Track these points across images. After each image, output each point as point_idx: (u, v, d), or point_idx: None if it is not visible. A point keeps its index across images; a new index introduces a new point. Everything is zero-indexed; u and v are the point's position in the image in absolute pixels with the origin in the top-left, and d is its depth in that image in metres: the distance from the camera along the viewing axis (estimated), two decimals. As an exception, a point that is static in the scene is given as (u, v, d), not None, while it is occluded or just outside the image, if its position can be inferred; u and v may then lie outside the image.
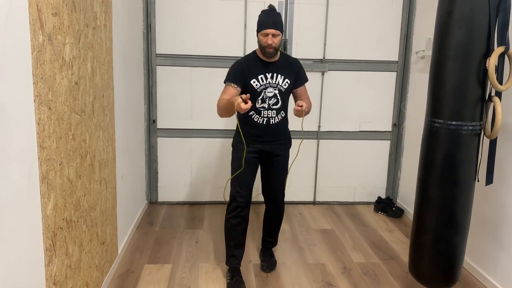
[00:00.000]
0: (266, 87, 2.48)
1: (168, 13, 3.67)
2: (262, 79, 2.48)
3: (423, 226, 2.27)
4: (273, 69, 2.49)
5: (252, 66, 2.49)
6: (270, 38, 2.37)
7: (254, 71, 2.47)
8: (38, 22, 1.58)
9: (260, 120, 2.52)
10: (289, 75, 2.54)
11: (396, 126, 4.04)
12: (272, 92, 2.49)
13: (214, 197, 4.02)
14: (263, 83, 2.48)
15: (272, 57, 2.46)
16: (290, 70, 2.55)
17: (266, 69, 2.48)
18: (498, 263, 2.60)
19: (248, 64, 2.50)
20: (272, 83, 2.49)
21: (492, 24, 2.02)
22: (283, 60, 2.54)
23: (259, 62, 2.49)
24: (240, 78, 2.46)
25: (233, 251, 2.65)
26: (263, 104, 2.50)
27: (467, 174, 2.15)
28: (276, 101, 2.51)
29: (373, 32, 3.84)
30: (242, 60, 2.55)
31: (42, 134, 1.64)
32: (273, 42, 2.37)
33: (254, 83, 2.47)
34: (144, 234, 3.32)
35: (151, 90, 3.77)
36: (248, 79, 2.47)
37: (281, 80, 2.50)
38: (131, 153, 3.20)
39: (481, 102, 2.11)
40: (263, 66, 2.48)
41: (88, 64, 2.15)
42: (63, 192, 1.85)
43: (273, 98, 2.50)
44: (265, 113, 2.51)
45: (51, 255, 1.76)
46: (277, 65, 2.50)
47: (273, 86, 2.49)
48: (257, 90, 2.47)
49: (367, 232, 3.49)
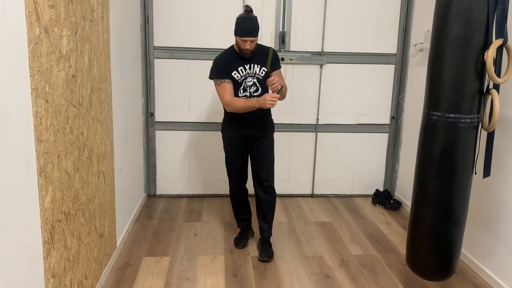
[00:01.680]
0: (246, 77, 2.74)
1: (165, 6, 3.65)
2: (241, 71, 2.73)
3: (420, 218, 2.28)
4: (250, 61, 2.74)
5: (232, 60, 2.74)
6: (248, 43, 2.62)
7: (234, 64, 2.73)
8: (35, 15, 1.57)
9: None
10: (264, 63, 2.78)
11: (394, 119, 4.04)
12: (251, 81, 2.75)
13: (212, 190, 4.02)
14: (243, 74, 2.74)
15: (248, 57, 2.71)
16: (265, 58, 2.79)
17: (244, 61, 2.73)
18: (494, 255, 2.61)
19: (228, 59, 2.75)
20: (251, 72, 2.75)
21: (491, 17, 2.01)
22: (258, 51, 2.76)
23: (236, 56, 2.74)
24: (227, 72, 2.73)
25: (241, 216, 3.11)
26: (245, 93, 2.76)
27: (465, 166, 2.16)
28: (256, 88, 2.76)
29: (372, 24, 3.83)
30: (223, 56, 2.79)
31: (39, 127, 1.63)
32: (250, 47, 2.64)
33: (235, 75, 2.73)
34: (143, 227, 3.32)
35: (149, 83, 3.76)
36: (230, 72, 2.73)
37: (258, 69, 2.75)
38: (129, 146, 3.19)
39: (479, 94, 2.11)
40: (240, 59, 2.73)
41: (85, 57, 2.14)
42: (61, 185, 1.85)
43: (253, 86, 2.75)
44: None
45: (50, 248, 1.76)
46: (253, 57, 2.73)
47: (251, 76, 2.75)
48: (238, 81, 2.74)
49: (365, 224, 3.51)
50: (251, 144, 2.86)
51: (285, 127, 3.90)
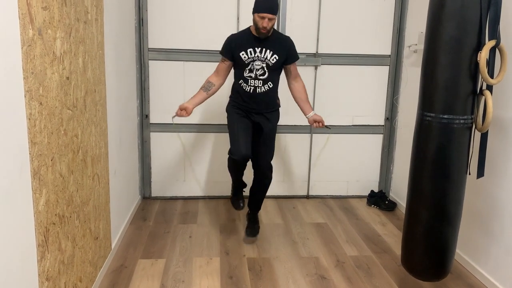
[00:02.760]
0: (254, 60, 2.74)
1: (160, 7, 3.64)
2: (250, 52, 2.73)
3: (415, 219, 2.28)
4: (263, 45, 2.72)
5: (244, 40, 2.74)
6: (266, 21, 2.58)
7: (244, 44, 2.73)
8: (28, 16, 1.56)
9: (247, 88, 2.79)
10: (278, 51, 2.75)
11: (388, 120, 4.06)
12: (260, 65, 2.74)
13: (207, 192, 4.02)
14: (251, 56, 2.73)
15: (264, 36, 2.68)
16: (281, 47, 2.77)
17: (256, 44, 2.72)
18: (489, 255, 2.63)
19: (239, 38, 2.76)
20: (261, 57, 2.74)
21: (484, 18, 2.02)
22: (275, 37, 2.76)
23: (251, 37, 2.73)
24: (227, 51, 2.76)
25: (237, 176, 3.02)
26: (250, 74, 2.77)
27: (459, 167, 2.17)
28: (263, 72, 2.76)
29: (366, 26, 3.84)
30: (234, 35, 2.83)
31: (33, 130, 1.63)
32: (268, 25, 2.59)
33: (242, 55, 2.73)
34: (138, 229, 3.31)
35: (144, 85, 3.75)
36: (237, 52, 2.73)
37: (269, 55, 2.74)
38: (124, 148, 3.18)
39: (473, 95, 2.12)
40: (254, 40, 2.72)
41: (80, 59, 2.13)
42: (55, 188, 1.84)
43: (260, 69, 2.75)
44: (252, 82, 2.77)
45: (44, 251, 1.75)
46: (268, 42, 2.72)
47: (261, 60, 2.74)
48: (245, 62, 2.75)
49: (360, 225, 3.51)
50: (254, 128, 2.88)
51: (280, 129, 3.89)
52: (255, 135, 2.90)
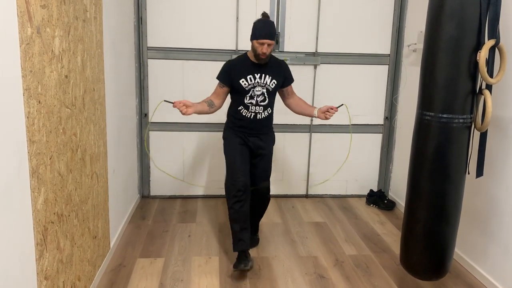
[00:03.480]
0: (255, 86, 2.70)
1: (159, 6, 3.64)
2: (250, 79, 2.69)
3: (414, 218, 2.28)
4: (262, 70, 2.70)
5: (243, 67, 2.71)
6: (265, 47, 2.58)
7: (244, 72, 2.69)
8: (26, 15, 1.56)
9: (248, 115, 2.74)
10: (276, 75, 2.75)
11: (388, 119, 4.06)
12: (260, 91, 2.71)
13: (206, 191, 4.01)
14: (251, 83, 2.69)
15: (263, 62, 2.68)
16: (278, 71, 2.77)
17: (255, 70, 2.70)
18: (487, 255, 2.63)
19: (238, 65, 2.72)
20: (261, 82, 2.71)
21: (483, 18, 2.02)
22: (272, 62, 2.75)
23: (249, 63, 2.70)
24: (226, 80, 2.71)
25: (239, 235, 2.69)
26: (251, 100, 2.72)
27: (458, 166, 2.17)
28: (263, 98, 2.72)
29: (366, 25, 3.84)
30: (232, 62, 2.78)
31: (31, 128, 1.62)
32: (267, 51, 2.59)
33: (243, 83, 2.69)
34: (137, 228, 3.31)
35: (143, 84, 3.74)
36: (236, 80, 2.69)
37: (268, 80, 2.72)
38: (122, 147, 3.18)
39: (472, 95, 2.12)
40: (253, 67, 2.70)
41: (78, 57, 2.13)
42: (53, 186, 1.84)
43: (261, 96, 2.72)
44: (253, 108, 2.73)
45: (42, 250, 1.75)
46: (266, 67, 2.71)
47: (261, 85, 2.71)
48: (245, 89, 2.70)
49: (359, 224, 3.51)
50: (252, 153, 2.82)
51: (279, 128, 3.89)
52: (252, 158, 2.84)
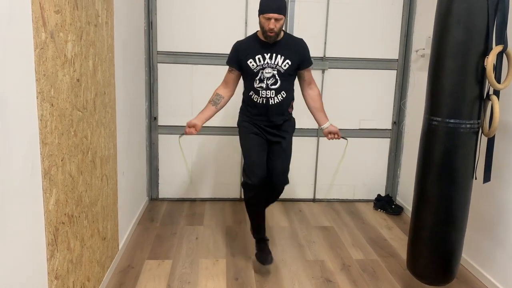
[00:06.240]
0: (264, 67, 2.48)
1: (169, 11, 3.68)
2: (259, 59, 2.47)
3: (421, 223, 2.29)
4: (273, 50, 2.46)
5: (251, 47, 2.49)
6: (272, 22, 2.33)
7: (252, 52, 2.48)
8: (41, 20, 1.60)
9: (259, 100, 2.54)
10: (290, 55, 2.49)
11: (396, 124, 4.06)
12: (270, 72, 2.47)
13: (214, 194, 4.04)
14: (260, 64, 2.48)
15: (273, 41, 2.44)
16: (293, 50, 2.51)
17: (265, 50, 2.46)
18: (495, 260, 2.62)
19: (246, 45, 2.52)
20: (271, 63, 2.47)
21: (491, 23, 2.03)
22: (286, 41, 2.49)
23: (258, 42, 2.48)
24: (234, 61, 2.54)
25: (257, 223, 2.72)
26: (260, 84, 2.51)
27: (465, 171, 2.17)
28: (274, 81, 2.48)
29: (374, 30, 3.85)
30: (240, 42, 2.61)
31: (44, 130, 1.66)
32: (275, 27, 2.35)
33: (251, 63, 2.48)
34: (145, 230, 3.34)
35: (153, 87, 3.79)
36: (245, 60, 2.49)
37: (280, 60, 2.47)
38: (132, 150, 3.22)
39: (479, 100, 2.12)
40: (262, 46, 2.47)
41: (90, 61, 2.17)
42: (64, 188, 1.88)
43: (271, 78, 2.48)
44: (263, 93, 2.51)
45: (53, 250, 1.78)
46: (278, 46, 2.46)
47: (271, 67, 2.47)
48: (253, 71, 2.49)
49: (366, 229, 3.51)
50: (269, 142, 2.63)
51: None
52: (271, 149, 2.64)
